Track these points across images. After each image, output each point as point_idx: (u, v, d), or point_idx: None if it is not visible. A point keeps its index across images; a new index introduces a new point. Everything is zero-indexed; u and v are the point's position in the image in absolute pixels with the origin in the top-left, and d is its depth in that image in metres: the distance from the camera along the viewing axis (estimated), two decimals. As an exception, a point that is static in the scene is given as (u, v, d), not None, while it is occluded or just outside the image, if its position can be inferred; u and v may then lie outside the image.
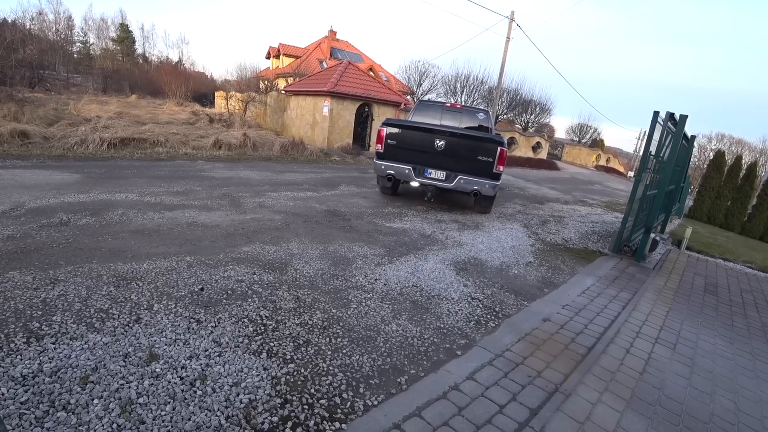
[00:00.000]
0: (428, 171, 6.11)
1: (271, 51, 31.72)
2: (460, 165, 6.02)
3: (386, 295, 2.97)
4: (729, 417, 2.26)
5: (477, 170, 6.00)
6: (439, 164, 6.07)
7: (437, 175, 6.12)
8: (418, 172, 6.11)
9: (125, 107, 15.24)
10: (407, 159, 6.09)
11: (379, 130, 6.21)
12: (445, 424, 1.78)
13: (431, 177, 6.12)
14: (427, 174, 6.11)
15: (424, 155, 6.05)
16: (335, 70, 14.87)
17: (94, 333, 2.01)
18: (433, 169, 6.11)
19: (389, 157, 6.13)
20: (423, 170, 6.11)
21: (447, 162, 6.03)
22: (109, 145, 7.93)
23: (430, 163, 6.08)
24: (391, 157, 6.12)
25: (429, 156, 6.03)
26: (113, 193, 4.67)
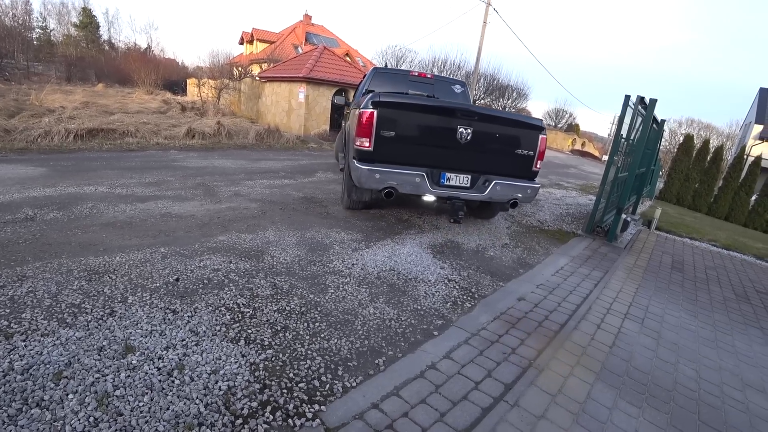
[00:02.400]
0: (445, 176, 3.92)
1: (245, 36, 30.90)
2: (490, 163, 4.09)
3: (364, 279, 3.00)
4: (691, 384, 2.40)
5: (513, 169, 4.17)
6: (462, 164, 3.99)
7: (459, 180, 4.00)
8: (432, 179, 3.87)
9: (92, 96, 14.66)
10: (415, 160, 3.83)
11: (362, 115, 3.70)
12: (422, 402, 1.83)
13: (451, 185, 3.97)
14: (443, 181, 3.92)
15: (440, 152, 3.89)
16: (311, 56, 14.62)
17: (66, 328, 1.97)
18: (454, 173, 3.96)
19: (384, 159, 3.74)
20: (438, 175, 3.90)
21: (472, 160, 4.00)
22: (75, 136, 7.63)
23: (448, 164, 3.95)
24: (387, 158, 3.75)
25: (447, 152, 3.89)
26: (82, 186, 4.52)
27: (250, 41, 29.90)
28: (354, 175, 3.86)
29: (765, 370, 2.76)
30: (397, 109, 3.72)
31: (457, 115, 3.83)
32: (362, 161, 3.73)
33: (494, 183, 4.03)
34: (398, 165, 3.78)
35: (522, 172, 4.21)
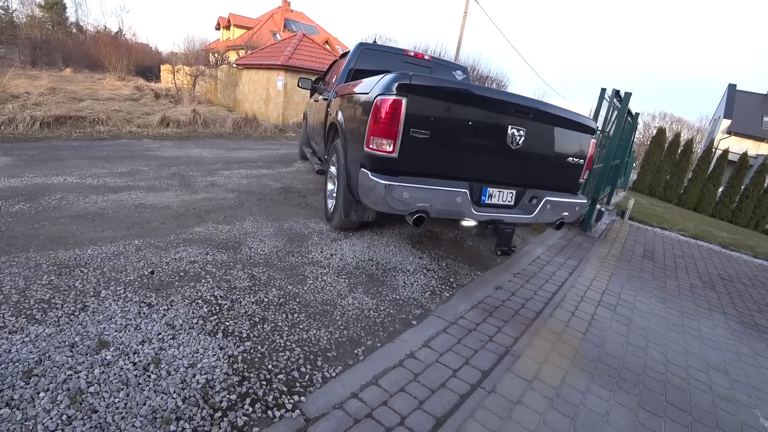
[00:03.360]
0: (487, 192, 3.00)
1: (221, 22, 30.09)
2: (538, 174, 3.21)
3: (342, 269, 3.00)
4: (659, 368, 2.51)
5: (560, 181, 3.36)
6: (508, 176, 3.08)
7: (503, 197, 3.08)
8: (473, 197, 2.90)
9: (59, 82, 14.04)
10: (453, 171, 2.85)
11: (380, 105, 2.64)
12: (401, 390, 1.86)
13: (493, 203, 3.05)
14: (484, 199, 3.00)
15: (485, 160, 2.93)
16: (289, 43, 14.35)
17: (35, 324, 1.91)
18: (497, 188, 3.04)
19: (412, 169, 2.72)
20: (480, 191, 2.98)
21: (520, 170, 3.10)
22: (42, 124, 7.30)
23: (491, 176, 3.01)
24: (416, 169, 2.73)
25: (493, 161, 2.95)
26: (49, 177, 4.35)
27: (227, 27, 29.13)
28: (365, 193, 2.70)
29: (727, 352, 2.91)
30: (438, 99, 2.63)
31: (510, 111, 2.84)
32: (380, 173, 2.59)
33: (545, 201, 3.07)
34: (431, 178, 2.72)
35: (568, 184, 3.42)
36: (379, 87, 2.72)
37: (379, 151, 2.64)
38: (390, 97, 2.57)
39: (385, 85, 2.66)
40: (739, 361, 2.82)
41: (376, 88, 2.76)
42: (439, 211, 2.73)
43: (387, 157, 2.63)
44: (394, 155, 2.62)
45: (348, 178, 3.24)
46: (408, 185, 2.57)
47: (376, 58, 4.73)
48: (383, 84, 2.69)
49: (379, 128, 2.61)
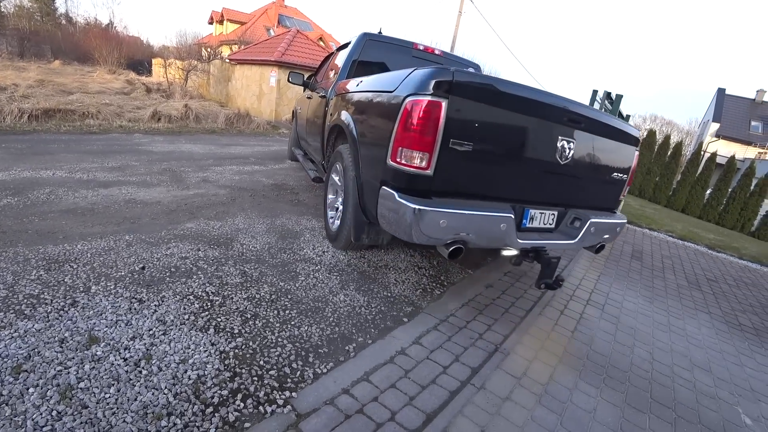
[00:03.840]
0: (528, 214, 2.59)
1: (214, 16, 29.81)
2: (581, 192, 2.82)
3: (334, 266, 3.01)
4: (645, 366, 2.55)
5: (601, 199, 3.02)
6: (551, 194, 2.68)
7: (544, 220, 2.69)
8: (516, 220, 2.47)
9: (48, 74, 13.83)
10: (495, 190, 2.43)
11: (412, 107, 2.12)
12: (392, 387, 1.88)
13: (535, 227, 2.66)
14: (525, 222, 2.60)
15: (531, 176, 2.52)
16: (283, 39, 14.28)
17: (24, 320, 1.90)
18: (538, 208, 2.64)
19: (449, 190, 2.24)
20: (521, 214, 2.56)
21: (562, 188, 2.70)
22: (30, 117, 7.20)
23: (534, 195, 2.60)
24: (454, 189, 2.26)
25: (539, 177, 2.54)
26: (38, 171, 4.30)
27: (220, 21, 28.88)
28: (387, 217, 2.23)
29: (711, 351, 2.97)
30: (485, 102, 2.15)
31: (564, 119, 2.43)
32: (408, 193, 2.12)
33: (589, 223, 2.69)
34: (469, 200, 2.28)
35: (609, 202, 3.06)
36: (410, 84, 2.19)
37: (408, 166, 2.11)
38: (425, 98, 2.05)
39: (418, 83, 2.13)
40: (722, 359, 2.88)
41: (404, 86, 2.25)
42: (480, 240, 2.27)
43: (419, 174, 2.11)
44: (428, 172, 2.10)
45: (360, 193, 2.75)
46: (446, 210, 2.06)
47: (381, 51, 4.15)
48: (415, 80, 2.17)
49: (409, 137, 2.10)
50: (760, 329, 3.60)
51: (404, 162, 2.13)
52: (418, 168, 2.11)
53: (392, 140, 2.19)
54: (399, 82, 2.34)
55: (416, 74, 2.22)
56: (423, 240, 2.12)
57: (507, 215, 2.26)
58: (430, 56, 4.39)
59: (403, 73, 2.38)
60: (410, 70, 2.30)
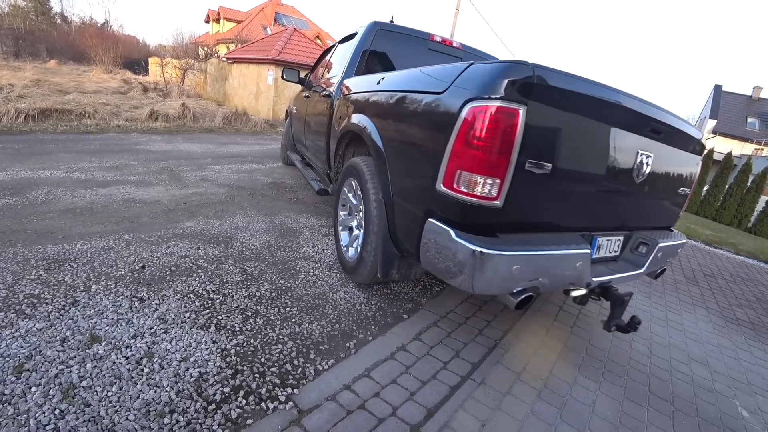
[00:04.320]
0: (596, 243, 2.13)
1: (211, 14, 29.71)
2: (645, 211, 2.41)
3: (334, 264, 3.02)
4: (643, 360, 2.57)
5: (663, 217, 2.62)
6: (619, 217, 2.25)
7: (610, 247, 2.26)
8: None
9: (44, 74, 13.76)
10: (567, 219, 1.95)
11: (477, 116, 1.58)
12: (393, 382, 1.89)
13: (601, 257, 2.21)
14: (593, 253, 2.08)
15: (603, 199, 2.06)
16: (280, 37, 14.25)
17: (25, 320, 1.90)
18: (605, 235, 2.20)
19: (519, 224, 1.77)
20: (590, 243, 2.09)
21: (629, 210, 2.28)
22: (26, 117, 7.18)
23: (602, 220, 2.15)
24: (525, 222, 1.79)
25: (611, 199, 2.09)
26: (36, 171, 4.29)
27: (217, 20, 28.78)
28: (436, 259, 1.75)
29: (708, 345, 2.99)
30: (571, 109, 1.70)
31: (647, 128, 2.01)
32: (471, 230, 1.66)
33: (658, 248, 2.28)
34: (538, 233, 1.85)
35: (669, 219, 2.65)
36: (470, 84, 1.67)
37: (470, 195, 1.61)
38: (494, 103, 1.54)
39: (483, 82, 1.61)
40: (719, 353, 2.90)
41: (460, 86, 1.72)
42: (552, 284, 1.84)
43: (484, 206, 1.62)
44: (496, 203, 1.62)
45: (391, 221, 2.24)
46: (520, 253, 1.62)
47: (394, 43, 3.60)
48: (479, 79, 1.65)
49: (472, 158, 1.59)
50: (756, 324, 3.63)
51: (463, 189, 1.62)
52: (484, 198, 1.60)
53: (446, 160, 1.68)
54: (450, 80, 1.80)
55: (478, 70, 1.69)
56: (486, 290, 1.66)
57: (584, 251, 1.83)
58: (447, 49, 3.87)
59: (453, 68, 1.85)
60: (466, 64, 1.77)
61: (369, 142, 2.46)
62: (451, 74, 1.83)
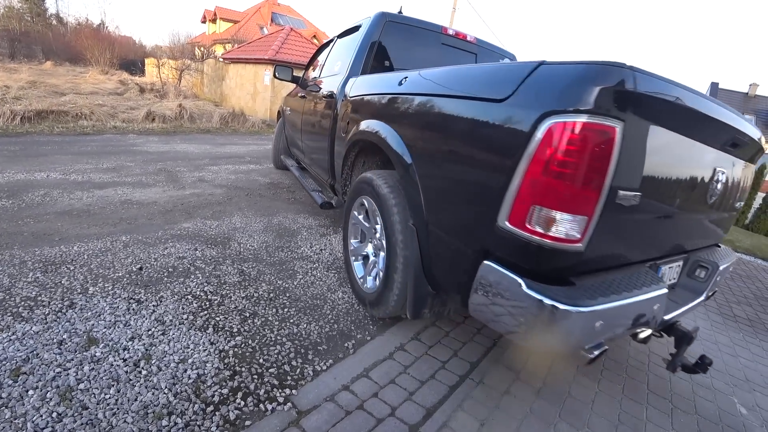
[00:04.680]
0: (660, 272, 1.81)
1: (207, 14, 29.65)
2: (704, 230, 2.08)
3: (332, 264, 3.01)
4: (641, 358, 2.58)
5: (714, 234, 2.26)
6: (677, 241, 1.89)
7: (671, 274, 1.94)
8: None
9: (40, 75, 13.71)
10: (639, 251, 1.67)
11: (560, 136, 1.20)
12: (392, 382, 1.89)
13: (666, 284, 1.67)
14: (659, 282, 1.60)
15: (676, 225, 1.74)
16: (276, 37, 14.23)
17: (22, 323, 1.89)
18: (667, 262, 1.86)
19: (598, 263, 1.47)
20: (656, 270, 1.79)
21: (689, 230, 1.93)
22: (23, 118, 7.15)
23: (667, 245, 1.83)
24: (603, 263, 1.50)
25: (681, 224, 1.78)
26: (32, 172, 4.27)
27: (213, 20, 28.72)
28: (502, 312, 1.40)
29: (706, 342, 3.00)
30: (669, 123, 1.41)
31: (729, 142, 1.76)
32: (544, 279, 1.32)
33: (719, 270, 2.02)
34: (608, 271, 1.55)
35: (720, 235, 2.35)
36: (548, 91, 1.29)
37: (547, 237, 1.27)
38: (582, 119, 1.19)
39: (566, 89, 1.25)
40: (718, 350, 2.91)
41: (532, 94, 1.33)
42: (626, 331, 1.54)
43: (563, 249, 1.28)
44: (578, 246, 1.28)
45: (425, 254, 1.89)
46: (606, 306, 1.30)
47: (403, 37, 3.22)
48: (558, 85, 1.28)
49: (554, 189, 1.24)
50: (754, 320, 3.64)
51: (538, 229, 1.27)
52: (565, 240, 1.27)
53: (514, 190, 1.32)
54: (513, 85, 1.40)
55: (556, 73, 1.31)
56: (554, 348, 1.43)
57: (662, 291, 1.54)
58: (462, 44, 3.50)
59: (514, 68, 1.47)
60: (532, 64, 1.39)
61: (392, 155, 2.06)
62: (514, 76, 1.43)
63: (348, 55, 3.24)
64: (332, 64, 3.71)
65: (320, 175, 3.69)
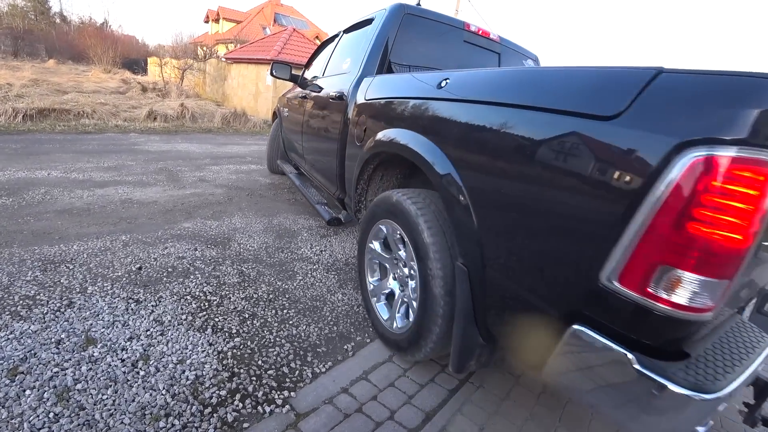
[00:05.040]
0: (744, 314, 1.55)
1: (210, 14, 29.71)
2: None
3: (332, 265, 3.00)
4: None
5: None
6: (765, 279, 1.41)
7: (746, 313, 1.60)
8: None
9: (42, 74, 13.74)
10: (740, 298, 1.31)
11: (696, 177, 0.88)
12: (391, 385, 1.87)
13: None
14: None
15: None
16: (279, 37, 14.25)
17: (20, 322, 1.89)
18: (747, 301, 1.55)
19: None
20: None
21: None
22: (24, 116, 7.17)
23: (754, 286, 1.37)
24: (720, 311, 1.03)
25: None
26: (33, 171, 4.27)
27: (216, 20, 28.79)
28: (593, 389, 1.12)
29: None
30: None
31: None
32: (660, 354, 1.02)
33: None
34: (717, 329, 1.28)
35: None
36: (682, 112, 0.96)
37: (673, 304, 0.97)
38: (736, 153, 0.87)
39: (709, 111, 0.92)
40: None
41: (657, 114, 1.00)
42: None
43: (692, 320, 1.00)
44: (708, 316, 1.00)
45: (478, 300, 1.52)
46: (733, 387, 1.06)
47: (423, 32, 2.91)
48: (697, 104, 0.95)
49: (692, 245, 0.93)
50: (756, 325, 3.61)
51: (662, 295, 0.97)
52: (696, 309, 0.97)
53: (629, 242, 1.00)
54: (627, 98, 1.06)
55: (690, 87, 0.98)
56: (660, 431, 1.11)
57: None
58: (486, 42, 3.19)
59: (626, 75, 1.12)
60: (650, 72, 1.06)
61: (433, 176, 1.66)
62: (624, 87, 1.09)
63: (360, 51, 2.89)
64: (339, 61, 3.40)
65: (325, 186, 3.34)
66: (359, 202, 2.66)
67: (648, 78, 1.05)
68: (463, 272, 1.54)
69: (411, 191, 1.92)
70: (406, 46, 2.81)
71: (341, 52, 3.46)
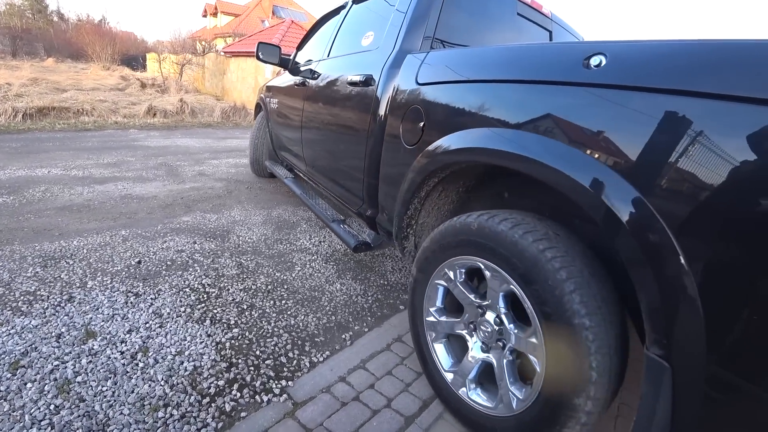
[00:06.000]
0: None
1: (208, 8, 29.53)
2: None
3: (331, 256, 3.01)
4: (639, 356, 2.56)
5: None
6: None
7: None
8: None
9: (41, 72, 13.74)
10: None
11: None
12: (388, 374, 1.88)
13: None
14: None
15: None
16: (278, 30, 14.17)
17: (21, 317, 1.91)
18: None
19: None
20: None
21: None
22: (24, 115, 7.17)
23: None
24: None
25: None
26: (33, 169, 4.29)
27: (214, 14, 28.62)
28: None
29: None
30: None
31: None
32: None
33: None
34: None
35: None
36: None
37: None
38: None
39: None
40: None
41: None
42: None
43: None
44: None
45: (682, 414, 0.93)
46: None
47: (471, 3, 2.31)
48: None
49: None
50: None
51: None
52: None
53: None
54: None
55: None
56: None
57: None
58: (539, 17, 2.68)
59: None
60: None
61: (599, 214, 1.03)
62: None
63: (389, 22, 2.23)
64: (353, 38, 2.72)
65: (340, 198, 2.69)
66: (408, 226, 1.97)
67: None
68: (660, 370, 0.96)
69: (524, 218, 1.28)
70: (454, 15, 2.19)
71: (354, 27, 2.83)
